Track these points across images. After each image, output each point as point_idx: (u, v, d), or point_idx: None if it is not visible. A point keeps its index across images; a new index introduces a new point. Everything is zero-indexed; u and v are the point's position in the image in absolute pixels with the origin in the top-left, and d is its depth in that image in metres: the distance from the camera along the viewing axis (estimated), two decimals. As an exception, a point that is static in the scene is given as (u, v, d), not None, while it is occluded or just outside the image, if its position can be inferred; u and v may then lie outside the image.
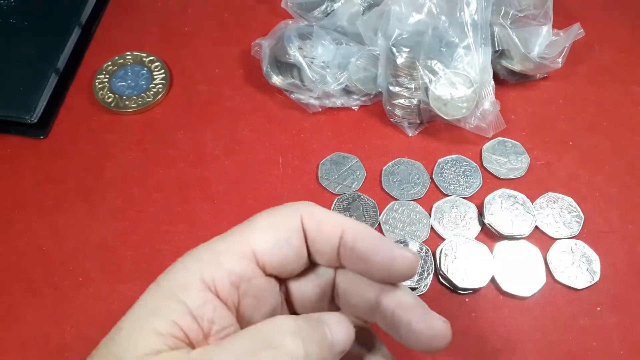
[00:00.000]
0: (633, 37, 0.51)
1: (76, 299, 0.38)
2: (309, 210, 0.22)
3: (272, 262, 0.21)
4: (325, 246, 0.22)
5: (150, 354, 0.18)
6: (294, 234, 0.22)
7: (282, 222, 0.22)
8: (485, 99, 0.43)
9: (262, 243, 0.21)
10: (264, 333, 0.19)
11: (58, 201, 0.42)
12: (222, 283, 0.20)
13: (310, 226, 0.22)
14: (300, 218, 0.22)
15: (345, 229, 0.22)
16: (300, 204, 0.22)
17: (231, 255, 0.21)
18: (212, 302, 0.20)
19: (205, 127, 0.46)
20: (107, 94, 0.47)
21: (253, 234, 0.21)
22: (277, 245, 0.21)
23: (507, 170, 0.43)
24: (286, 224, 0.22)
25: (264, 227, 0.22)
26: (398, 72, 0.43)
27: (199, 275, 0.20)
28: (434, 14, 0.42)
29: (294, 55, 0.44)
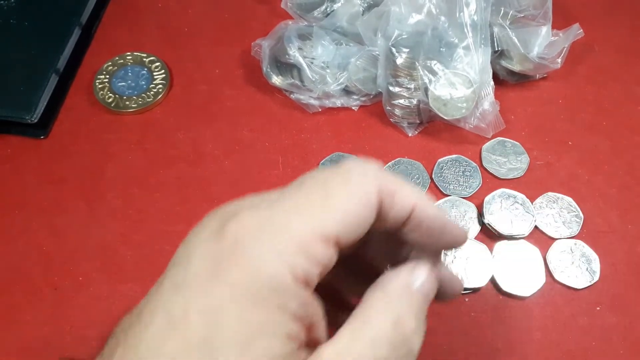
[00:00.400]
0: (633, 37, 0.51)
1: (76, 299, 0.38)
2: (385, 181, 0.20)
3: (347, 242, 0.18)
4: (393, 219, 0.20)
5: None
6: (372, 211, 0.19)
7: (363, 197, 0.19)
8: (484, 99, 0.43)
9: (345, 227, 0.18)
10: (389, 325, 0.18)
11: (58, 201, 0.42)
12: (313, 275, 0.17)
13: (385, 199, 0.19)
14: (378, 192, 0.19)
15: (417, 204, 0.20)
16: (374, 169, 0.20)
17: (319, 243, 0.17)
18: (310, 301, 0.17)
19: (205, 127, 0.46)
20: (108, 94, 0.47)
21: (335, 214, 0.18)
22: (359, 228, 0.18)
23: (506, 170, 0.43)
24: (367, 200, 0.19)
25: (345, 204, 0.18)
26: (398, 73, 0.43)
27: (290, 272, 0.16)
28: (433, 15, 0.42)
29: (294, 55, 0.44)
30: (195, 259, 0.17)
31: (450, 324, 0.36)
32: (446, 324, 0.36)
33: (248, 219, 0.17)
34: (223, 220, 0.18)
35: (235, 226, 0.17)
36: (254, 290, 0.16)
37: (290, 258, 0.16)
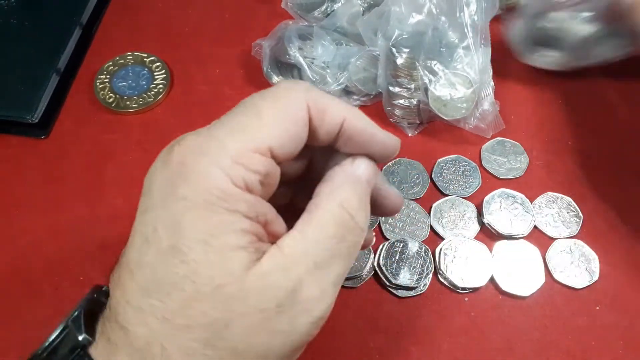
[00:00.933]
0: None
1: (76, 299, 0.38)
2: (314, 98, 0.22)
3: (283, 154, 0.21)
4: (325, 134, 0.22)
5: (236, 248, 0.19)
6: (303, 126, 0.21)
7: (292, 114, 0.21)
8: (484, 99, 0.44)
9: (277, 139, 0.21)
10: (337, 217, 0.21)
11: (59, 201, 0.42)
12: (252, 182, 0.20)
13: (315, 115, 0.22)
14: (307, 107, 0.21)
15: (346, 118, 0.22)
16: (301, 88, 0.22)
17: (252, 156, 0.20)
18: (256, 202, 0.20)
19: (206, 127, 0.46)
20: (108, 94, 0.47)
21: (266, 130, 0.20)
22: (289, 140, 0.21)
23: (506, 170, 0.43)
24: (296, 116, 0.21)
25: (275, 121, 0.21)
26: (398, 73, 0.43)
27: (229, 181, 0.19)
28: (433, 15, 0.42)
29: (294, 55, 0.44)
30: (154, 185, 0.21)
31: (450, 323, 0.37)
32: (446, 324, 0.36)
33: (189, 142, 0.21)
34: (170, 147, 0.21)
35: (178, 149, 0.21)
36: (203, 200, 0.19)
37: (228, 169, 0.19)
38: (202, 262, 0.19)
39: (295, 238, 0.21)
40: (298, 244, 0.20)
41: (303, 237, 0.20)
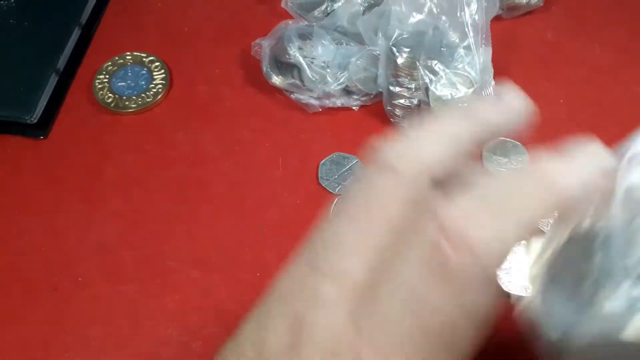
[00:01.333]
0: (634, 37, 0.51)
1: (76, 299, 0.38)
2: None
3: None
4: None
5: None
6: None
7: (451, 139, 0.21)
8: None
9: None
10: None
11: (58, 201, 0.42)
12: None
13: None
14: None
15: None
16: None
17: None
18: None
19: (205, 128, 0.46)
20: (107, 94, 0.47)
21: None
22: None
23: (507, 170, 0.43)
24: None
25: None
26: (398, 72, 0.43)
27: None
28: (434, 14, 0.42)
29: (294, 55, 0.44)
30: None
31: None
32: (447, 324, 0.36)
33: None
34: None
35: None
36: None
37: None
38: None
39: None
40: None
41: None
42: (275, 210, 0.41)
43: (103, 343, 0.36)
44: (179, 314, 0.37)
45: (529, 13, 0.52)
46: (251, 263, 0.39)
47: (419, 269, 0.18)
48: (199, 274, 0.39)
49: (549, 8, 0.52)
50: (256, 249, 0.40)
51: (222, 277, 0.38)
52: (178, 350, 0.36)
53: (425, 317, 0.17)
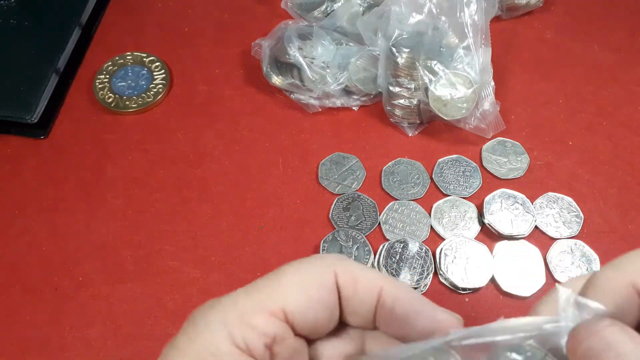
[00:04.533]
0: (633, 37, 0.51)
1: (76, 299, 0.38)
2: (344, 266, 0.20)
3: (304, 322, 0.19)
4: (361, 307, 0.20)
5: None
6: (328, 292, 0.19)
7: (314, 278, 0.20)
8: (485, 99, 0.43)
9: (293, 302, 0.19)
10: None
11: (58, 201, 0.42)
12: (255, 345, 0.18)
13: (345, 284, 0.20)
14: (334, 274, 0.20)
15: (384, 289, 0.20)
16: (333, 257, 0.21)
17: (261, 315, 0.19)
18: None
19: (205, 128, 0.46)
20: (108, 94, 0.47)
21: (283, 291, 0.19)
22: (310, 305, 0.19)
23: (506, 170, 0.43)
24: (319, 281, 0.19)
25: (294, 283, 0.19)
26: (398, 73, 0.43)
27: (229, 339, 0.18)
28: (434, 15, 0.42)
29: (294, 55, 0.44)
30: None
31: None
32: (446, 324, 0.36)
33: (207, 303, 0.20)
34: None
35: (196, 311, 0.20)
36: (193, 354, 0.18)
37: (232, 327, 0.18)
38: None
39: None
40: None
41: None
42: (275, 210, 0.41)
43: (103, 343, 0.36)
44: (179, 314, 0.37)
45: (528, 13, 0.52)
46: (251, 263, 0.39)
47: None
48: (199, 273, 0.39)
49: (548, 8, 0.52)
50: (256, 248, 0.40)
51: (222, 276, 0.38)
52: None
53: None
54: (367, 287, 0.20)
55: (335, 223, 0.40)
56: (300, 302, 0.19)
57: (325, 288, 0.19)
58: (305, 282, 0.19)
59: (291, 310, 0.19)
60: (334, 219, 0.41)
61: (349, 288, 0.20)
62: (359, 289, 0.20)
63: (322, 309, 0.19)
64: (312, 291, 0.19)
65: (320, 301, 0.19)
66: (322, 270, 0.20)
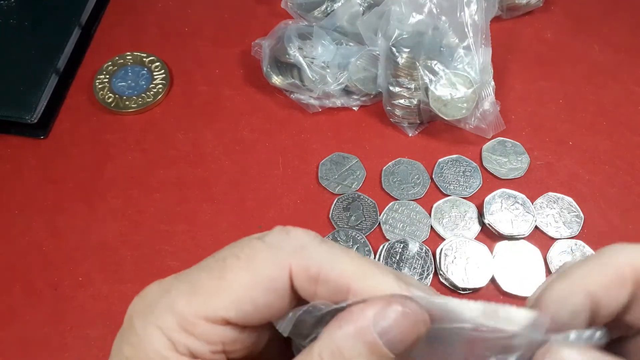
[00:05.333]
0: (633, 37, 0.51)
1: (76, 299, 0.38)
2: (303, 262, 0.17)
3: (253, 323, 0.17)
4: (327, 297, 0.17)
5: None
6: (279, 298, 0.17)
7: (263, 280, 0.17)
8: (485, 99, 0.43)
9: (237, 311, 0.17)
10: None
11: (58, 201, 0.42)
12: (201, 351, 0.17)
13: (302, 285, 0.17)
14: (288, 274, 0.17)
15: (351, 281, 0.17)
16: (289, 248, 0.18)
17: (201, 324, 0.17)
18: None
19: (205, 128, 0.46)
20: (107, 94, 0.47)
21: (226, 296, 0.17)
22: (257, 310, 0.17)
23: (507, 170, 0.43)
24: (269, 283, 0.17)
25: (239, 287, 0.17)
26: (398, 73, 0.43)
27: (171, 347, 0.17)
28: (434, 14, 0.42)
29: (294, 55, 0.44)
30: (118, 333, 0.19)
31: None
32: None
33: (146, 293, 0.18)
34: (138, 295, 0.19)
35: (137, 300, 0.18)
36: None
37: (172, 333, 0.17)
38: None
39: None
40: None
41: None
42: (275, 210, 0.41)
43: (103, 343, 0.36)
44: (179, 314, 0.37)
45: (528, 13, 0.52)
46: (251, 263, 0.39)
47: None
48: (199, 273, 0.39)
49: (548, 8, 0.52)
50: (256, 248, 0.40)
51: (222, 276, 0.38)
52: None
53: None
54: (329, 284, 0.17)
55: (335, 223, 0.40)
56: (244, 310, 0.17)
57: (274, 292, 0.17)
58: (251, 286, 0.17)
59: (232, 318, 0.17)
60: (334, 219, 0.41)
61: (308, 289, 0.17)
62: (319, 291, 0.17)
63: (271, 312, 0.17)
64: (259, 298, 0.17)
65: (268, 305, 0.17)
66: (272, 270, 0.17)
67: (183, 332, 0.17)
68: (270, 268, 0.17)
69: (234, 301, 0.17)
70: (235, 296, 0.17)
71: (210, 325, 0.17)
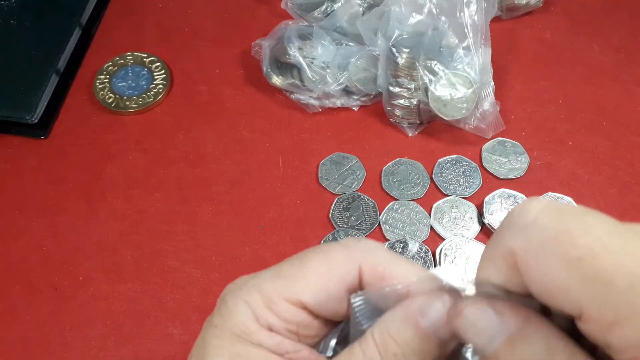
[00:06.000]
0: (633, 37, 0.51)
1: (76, 299, 0.38)
2: (370, 261, 0.20)
3: (322, 313, 0.20)
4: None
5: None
6: (348, 289, 0.20)
7: (336, 273, 0.20)
8: (485, 99, 0.43)
9: (311, 296, 0.19)
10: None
11: (58, 201, 0.42)
12: (278, 329, 0.20)
13: (369, 281, 0.20)
14: (358, 270, 0.20)
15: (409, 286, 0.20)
16: (363, 248, 0.20)
17: (282, 303, 0.19)
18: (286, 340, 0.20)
19: (205, 128, 0.46)
20: (108, 94, 0.47)
21: (304, 282, 0.20)
22: (328, 300, 0.20)
23: (506, 171, 0.43)
24: (341, 277, 0.20)
25: (316, 276, 0.20)
26: (398, 73, 0.43)
27: (255, 320, 0.19)
28: (434, 15, 0.42)
29: (294, 55, 0.44)
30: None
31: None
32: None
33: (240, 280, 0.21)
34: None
35: (225, 291, 0.21)
36: (230, 330, 0.19)
37: (257, 309, 0.19)
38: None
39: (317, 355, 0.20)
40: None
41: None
42: (275, 210, 0.41)
43: (103, 343, 0.36)
44: (179, 313, 0.37)
45: (528, 14, 0.52)
46: (251, 262, 0.39)
47: None
48: (199, 273, 0.39)
49: (548, 9, 0.52)
50: (256, 248, 0.40)
51: (222, 276, 0.38)
52: (178, 349, 0.36)
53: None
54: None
55: (335, 223, 0.40)
56: (319, 296, 0.19)
57: (345, 284, 0.20)
58: (327, 276, 0.20)
59: (310, 302, 0.19)
60: (334, 219, 0.41)
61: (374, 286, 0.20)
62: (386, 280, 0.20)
63: (340, 303, 0.20)
64: (332, 287, 0.19)
65: (339, 297, 0.20)
66: (345, 264, 0.20)
67: (266, 308, 0.19)
68: (344, 263, 0.20)
69: (311, 287, 0.20)
70: (312, 283, 0.20)
71: (289, 306, 0.19)
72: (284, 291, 0.20)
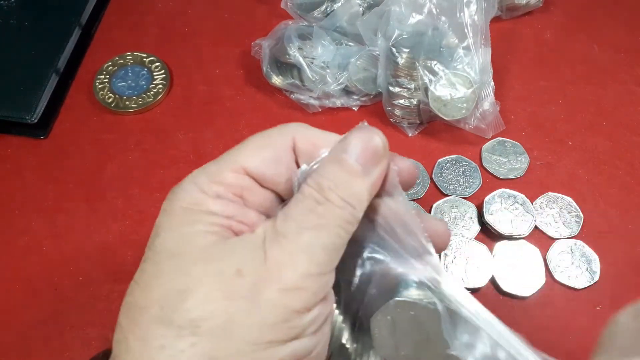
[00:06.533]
0: (633, 37, 0.51)
1: (76, 299, 0.38)
2: (302, 131, 0.23)
3: (265, 177, 0.22)
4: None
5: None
6: (284, 153, 0.23)
7: (272, 142, 0.23)
8: (485, 99, 0.43)
9: (251, 161, 0.22)
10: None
11: (58, 201, 0.42)
12: (225, 194, 0.22)
13: (303, 147, 0.23)
14: (292, 139, 0.23)
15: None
16: (292, 125, 0.23)
17: (225, 172, 0.22)
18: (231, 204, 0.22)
19: (205, 127, 0.46)
20: (108, 94, 0.47)
21: (243, 153, 0.22)
22: (266, 163, 0.22)
23: (506, 170, 0.43)
24: (276, 144, 0.23)
25: (254, 147, 0.23)
26: (398, 73, 0.43)
27: (202, 192, 0.22)
28: (434, 15, 0.42)
29: (294, 55, 0.44)
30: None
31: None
32: (446, 324, 0.36)
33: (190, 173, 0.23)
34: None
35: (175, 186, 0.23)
36: (178, 207, 0.22)
37: (203, 185, 0.22)
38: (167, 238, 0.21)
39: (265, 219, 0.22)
40: (267, 222, 0.21)
41: (273, 217, 0.21)
42: (275, 210, 0.41)
43: (103, 343, 0.36)
44: (179, 314, 0.37)
45: (528, 14, 0.52)
46: (251, 263, 0.39)
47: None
48: (199, 273, 0.39)
49: (548, 8, 0.52)
50: (256, 248, 0.40)
51: (222, 276, 0.38)
52: (178, 350, 0.36)
53: None
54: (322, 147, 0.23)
55: (335, 223, 0.40)
56: (257, 160, 0.22)
57: (281, 149, 0.23)
58: (264, 145, 0.23)
59: (250, 166, 0.22)
60: (334, 219, 0.40)
61: (307, 151, 0.23)
62: (316, 151, 0.23)
63: (280, 166, 0.22)
64: (269, 152, 0.22)
65: (277, 160, 0.22)
66: (280, 135, 0.23)
67: (211, 182, 0.22)
68: (279, 134, 0.23)
69: (249, 154, 0.22)
70: (250, 150, 0.22)
71: (232, 173, 0.22)
72: (225, 164, 0.22)
